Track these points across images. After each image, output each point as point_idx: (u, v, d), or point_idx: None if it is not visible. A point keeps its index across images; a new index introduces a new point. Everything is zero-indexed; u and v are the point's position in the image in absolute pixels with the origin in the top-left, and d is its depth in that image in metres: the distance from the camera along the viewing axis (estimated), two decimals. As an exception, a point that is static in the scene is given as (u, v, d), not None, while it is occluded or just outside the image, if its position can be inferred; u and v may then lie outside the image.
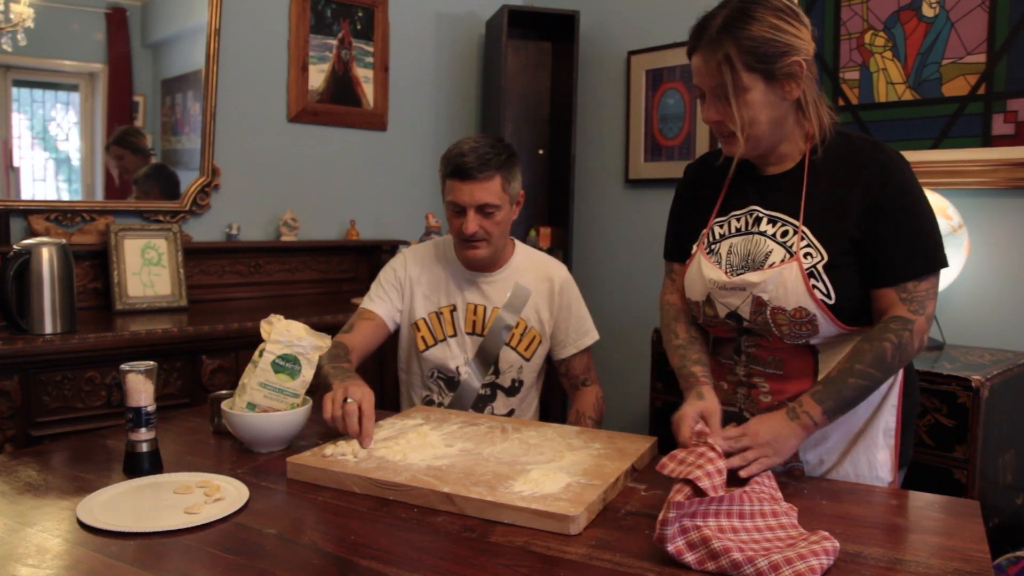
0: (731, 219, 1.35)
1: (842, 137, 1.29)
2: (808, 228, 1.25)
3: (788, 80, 1.21)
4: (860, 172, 1.24)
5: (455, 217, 1.74)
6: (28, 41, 2.35)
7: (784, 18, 1.20)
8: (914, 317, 1.20)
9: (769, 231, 1.29)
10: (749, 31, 1.18)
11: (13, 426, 1.93)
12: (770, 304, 1.25)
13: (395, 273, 1.87)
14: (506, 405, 1.84)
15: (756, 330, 1.30)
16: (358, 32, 3.15)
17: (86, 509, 1.10)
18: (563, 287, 1.86)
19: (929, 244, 1.23)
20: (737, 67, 1.19)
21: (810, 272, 1.23)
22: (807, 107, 1.25)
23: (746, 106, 1.22)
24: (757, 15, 1.19)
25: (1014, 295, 2.31)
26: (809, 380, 1.29)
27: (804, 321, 1.23)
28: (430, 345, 1.83)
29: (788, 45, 1.19)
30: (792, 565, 0.90)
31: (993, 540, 1.35)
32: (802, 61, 1.20)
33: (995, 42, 2.30)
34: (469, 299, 1.83)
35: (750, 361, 1.34)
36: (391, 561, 0.97)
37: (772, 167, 1.33)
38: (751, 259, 1.29)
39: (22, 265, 2.03)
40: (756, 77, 1.20)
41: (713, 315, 1.35)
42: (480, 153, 1.69)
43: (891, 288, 1.22)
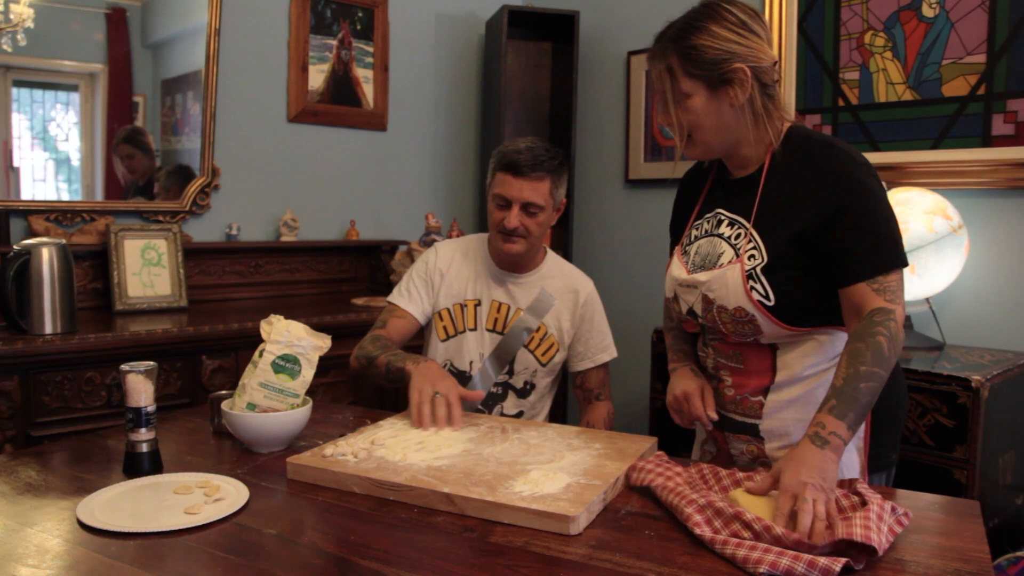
0: (703, 221, 1.42)
1: (804, 139, 1.31)
2: (756, 231, 1.30)
3: (730, 86, 1.26)
4: (818, 173, 1.26)
5: (498, 210, 1.77)
6: (28, 41, 2.35)
7: (729, 27, 1.26)
8: (892, 306, 1.21)
9: (727, 233, 1.35)
10: (691, 40, 1.26)
11: (13, 426, 1.93)
12: (715, 303, 1.31)
13: (426, 267, 1.89)
14: (516, 406, 1.85)
15: (710, 326, 1.37)
16: (358, 32, 3.15)
17: (86, 509, 1.10)
18: (588, 301, 1.88)
19: (894, 244, 1.24)
20: (677, 74, 1.28)
21: (749, 274, 1.27)
22: (760, 111, 1.28)
23: (687, 111, 1.29)
24: (701, 25, 1.26)
25: (1014, 295, 2.31)
26: (768, 376, 1.33)
27: (745, 321, 1.29)
28: (450, 335, 1.85)
29: (729, 52, 1.25)
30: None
31: (993, 540, 1.36)
32: (745, 68, 1.24)
33: (995, 42, 2.30)
34: (495, 296, 1.85)
35: (716, 354, 1.39)
36: (391, 561, 0.97)
37: (738, 171, 1.38)
38: (708, 260, 1.36)
39: (22, 265, 2.03)
40: (698, 84, 1.27)
41: (679, 311, 1.43)
42: (536, 153, 1.72)
43: (862, 283, 1.22)
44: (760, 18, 1.29)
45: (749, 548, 0.94)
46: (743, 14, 1.27)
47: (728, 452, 1.43)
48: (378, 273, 3.11)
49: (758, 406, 1.34)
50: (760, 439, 1.36)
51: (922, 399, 1.98)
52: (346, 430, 1.47)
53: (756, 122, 1.29)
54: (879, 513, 0.97)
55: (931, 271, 2.17)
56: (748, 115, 1.29)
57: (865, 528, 0.94)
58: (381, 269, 3.09)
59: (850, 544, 0.94)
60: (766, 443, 1.35)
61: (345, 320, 2.44)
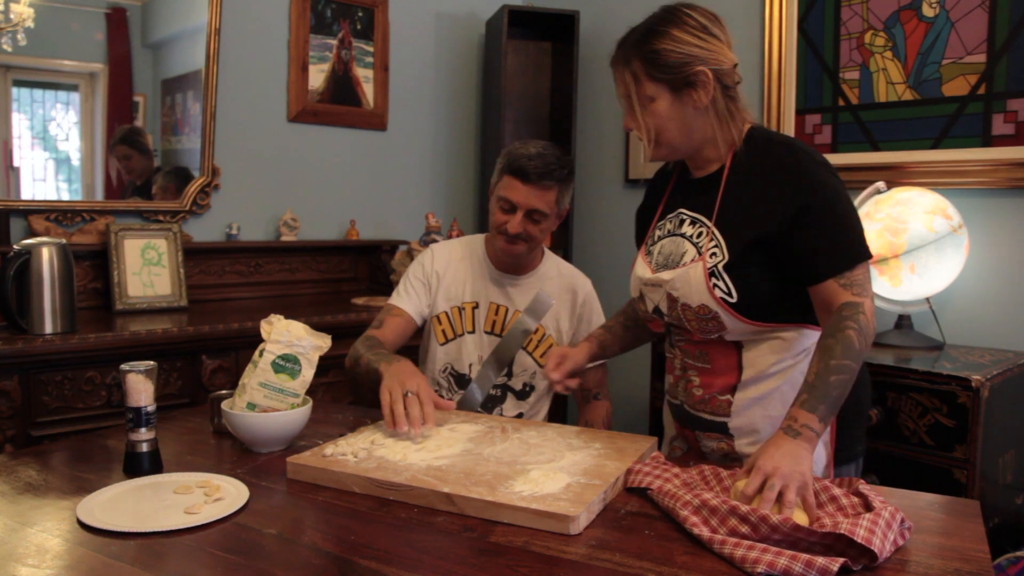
0: (666, 222, 1.44)
1: (764, 140, 1.35)
2: (718, 229, 1.32)
3: (693, 89, 1.29)
4: (780, 173, 1.29)
5: (502, 213, 1.75)
6: (28, 41, 2.35)
7: (691, 31, 1.29)
8: (860, 299, 1.23)
9: (689, 232, 1.37)
10: (652, 45, 1.29)
11: (13, 426, 1.93)
12: (679, 301, 1.33)
13: (423, 268, 1.88)
14: (515, 408, 1.85)
15: (675, 324, 1.38)
16: (358, 32, 3.15)
17: (86, 509, 1.10)
18: (586, 301, 1.88)
19: (857, 238, 1.26)
20: (641, 79, 1.31)
21: (711, 271, 1.29)
22: (723, 112, 1.32)
23: (652, 115, 1.32)
24: (662, 29, 1.30)
25: (1014, 295, 2.31)
26: (735, 374, 1.35)
27: (708, 318, 1.30)
28: (449, 339, 1.84)
29: (691, 56, 1.28)
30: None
31: (993, 540, 1.36)
32: (707, 71, 1.28)
33: (995, 42, 2.30)
34: (492, 299, 1.85)
35: (683, 355, 1.41)
36: (391, 561, 0.97)
37: (699, 171, 1.41)
38: (671, 259, 1.38)
39: (22, 265, 2.02)
40: (661, 87, 1.30)
41: (644, 310, 1.45)
42: (546, 161, 1.70)
43: (830, 280, 1.24)
44: (720, 22, 1.33)
45: (747, 548, 0.94)
46: (703, 18, 1.31)
47: (700, 449, 1.45)
48: (378, 273, 3.11)
49: (726, 404, 1.37)
50: (730, 436, 1.38)
51: (922, 399, 1.98)
52: (346, 430, 1.47)
53: (719, 123, 1.33)
54: (888, 521, 0.97)
55: (931, 271, 2.18)
56: (711, 116, 1.32)
57: (869, 532, 0.94)
58: (381, 269, 3.09)
59: (849, 544, 0.94)
60: (735, 440, 1.38)
61: (345, 320, 2.44)
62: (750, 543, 0.96)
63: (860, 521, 0.96)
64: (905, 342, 2.29)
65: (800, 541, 0.97)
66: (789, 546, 0.96)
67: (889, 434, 2.05)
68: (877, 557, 0.93)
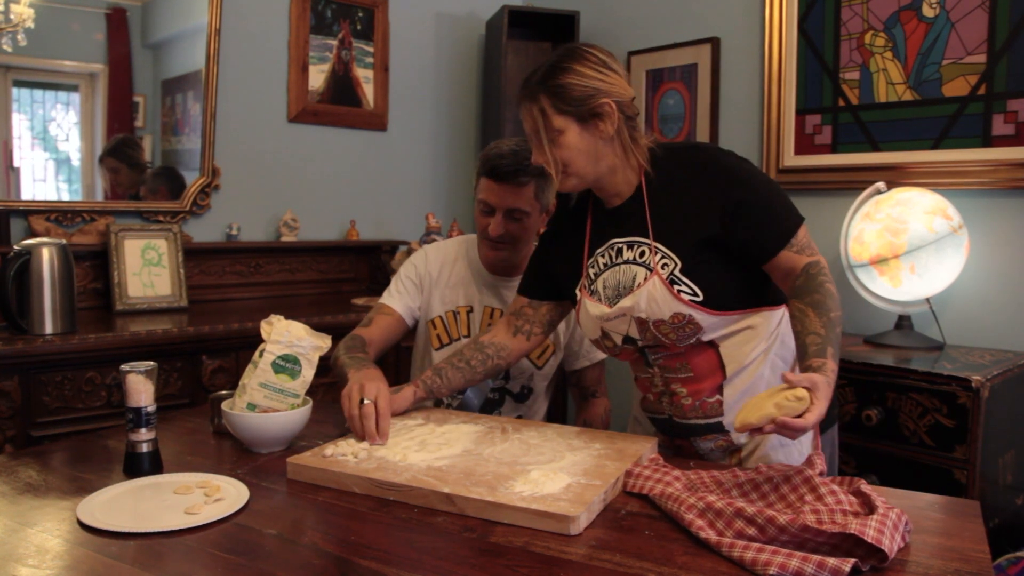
0: (597, 258, 1.46)
1: (668, 151, 1.41)
2: (659, 242, 1.36)
3: (599, 119, 1.34)
4: (701, 177, 1.35)
5: (483, 216, 1.73)
6: (28, 41, 2.35)
7: (592, 67, 1.34)
8: (816, 257, 1.33)
9: (629, 256, 1.40)
10: (557, 80, 1.34)
11: (13, 426, 1.93)
12: (649, 320, 1.36)
13: (415, 269, 1.86)
14: (514, 410, 1.84)
15: (651, 343, 1.40)
16: (358, 32, 3.15)
17: (86, 509, 1.10)
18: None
19: (787, 206, 1.35)
20: (548, 113, 1.34)
21: (671, 279, 1.33)
22: (627, 141, 1.38)
23: (561, 147, 1.35)
24: (565, 65, 1.34)
25: (1014, 295, 2.31)
26: (719, 374, 1.39)
27: (684, 324, 1.34)
28: (444, 344, 1.83)
29: (595, 89, 1.33)
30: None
31: (993, 540, 1.36)
32: (611, 102, 1.33)
33: (995, 42, 2.30)
34: (486, 302, 1.82)
35: (663, 371, 1.43)
36: (391, 561, 0.97)
37: (615, 199, 1.44)
38: (622, 287, 1.40)
39: (22, 265, 2.03)
40: (568, 119, 1.34)
41: (612, 345, 1.46)
42: (520, 157, 1.66)
43: (782, 251, 1.32)
44: (616, 59, 1.40)
45: (757, 550, 0.94)
46: (603, 55, 1.37)
47: (696, 452, 1.46)
48: (378, 273, 3.11)
49: (718, 404, 1.40)
50: (727, 432, 1.41)
51: (922, 399, 1.98)
52: (346, 430, 1.47)
53: (624, 151, 1.39)
54: (895, 522, 0.98)
55: (931, 271, 2.18)
56: (617, 145, 1.38)
57: (878, 532, 0.94)
58: (381, 269, 3.09)
59: (856, 544, 0.94)
60: (732, 433, 1.40)
61: (345, 320, 2.44)
62: (759, 545, 0.95)
63: (868, 521, 0.96)
64: (905, 342, 2.29)
65: (808, 541, 0.97)
66: (796, 547, 0.96)
67: (889, 434, 2.05)
68: (887, 557, 0.93)
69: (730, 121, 2.99)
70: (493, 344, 1.58)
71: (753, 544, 0.96)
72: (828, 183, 2.66)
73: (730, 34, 2.96)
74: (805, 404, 1.11)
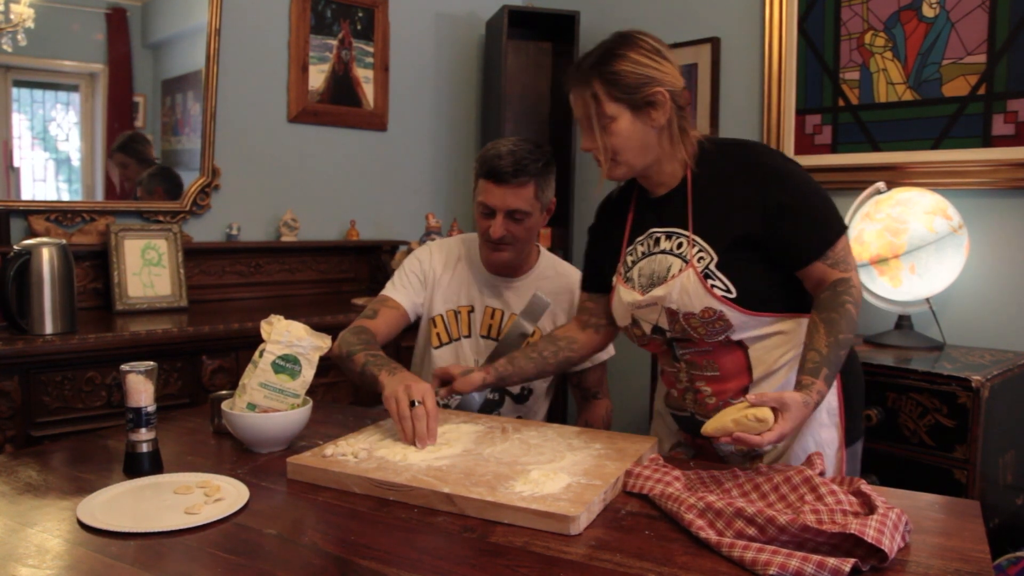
0: (637, 246, 1.47)
1: (716, 147, 1.41)
2: (698, 235, 1.36)
3: (652, 108, 1.34)
4: (747, 175, 1.34)
5: (483, 218, 1.72)
6: (28, 41, 2.35)
7: (646, 55, 1.34)
8: (848, 274, 1.32)
9: (667, 247, 1.40)
10: (612, 67, 1.33)
11: (13, 426, 1.93)
12: (680, 311, 1.35)
13: (420, 264, 1.85)
14: (514, 411, 1.84)
15: (680, 336, 1.39)
16: (358, 32, 3.15)
17: (86, 509, 1.10)
18: None
19: (830, 216, 1.34)
20: (602, 99, 1.34)
21: (706, 273, 1.33)
22: (676, 132, 1.37)
23: (612, 135, 1.35)
24: (620, 52, 1.34)
25: (1014, 295, 2.31)
26: (746, 376, 1.38)
27: (714, 319, 1.33)
28: (444, 343, 1.82)
29: (649, 77, 1.33)
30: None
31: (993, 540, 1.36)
32: (664, 91, 1.33)
33: (995, 42, 2.30)
34: (487, 302, 1.82)
35: (689, 367, 1.42)
36: (391, 561, 0.97)
37: (660, 188, 1.44)
38: (656, 276, 1.40)
39: (22, 265, 2.03)
40: (621, 107, 1.34)
41: (641, 334, 1.46)
42: (518, 157, 1.65)
43: (816, 262, 1.32)
44: (668, 48, 1.39)
45: (757, 551, 0.94)
46: (656, 42, 1.37)
47: (716, 454, 1.44)
48: (378, 273, 3.11)
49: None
50: None
51: (922, 399, 1.98)
52: (346, 430, 1.47)
53: (673, 142, 1.38)
54: (895, 522, 0.98)
55: (931, 271, 2.18)
56: (667, 135, 1.37)
57: (878, 532, 0.94)
58: (381, 269, 3.09)
59: (856, 544, 0.94)
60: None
61: (345, 320, 2.43)
62: (759, 545, 0.95)
63: (868, 521, 0.96)
64: (905, 342, 2.29)
65: (808, 541, 0.97)
66: (796, 547, 0.96)
67: (889, 434, 2.05)
68: (887, 557, 0.93)
69: (730, 121, 2.99)
70: (565, 337, 1.60)
71: (753, 544, 0.96)
72: (828, 183, 2.66)
73: (730, 34, 2.96)
74: (766, 425, 1.13)
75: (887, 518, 0.98)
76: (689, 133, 1.40)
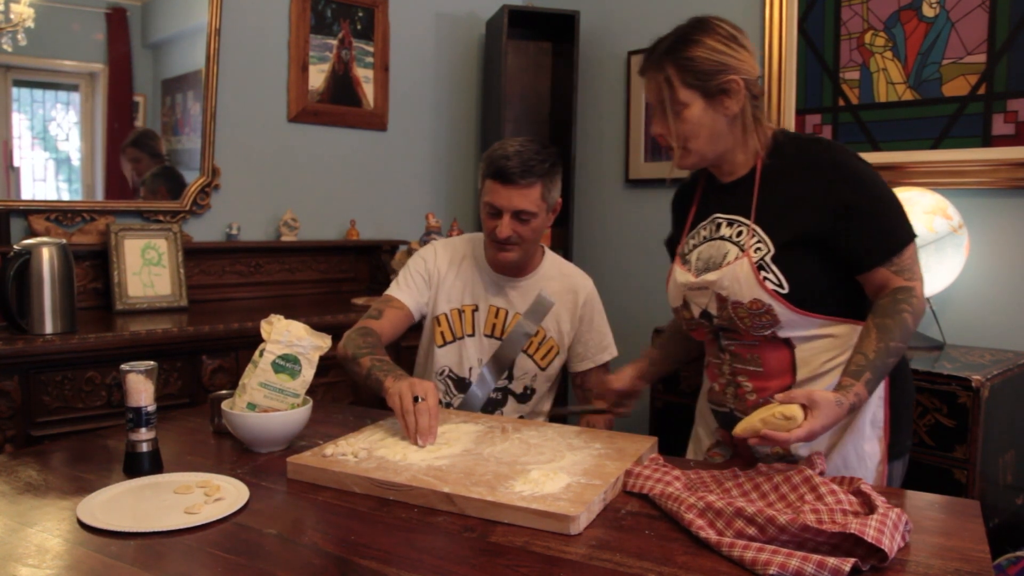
0: (700, 230, 1.46)
1: (791, 139, 1.39)
2: (759, 225, 1.34)
3: (725, 96, 1.32)
4: (819, 173, 1.32)
5: (489, 219, 1.72)
6: (28, 41, 2.35)
7: (723, 41, 1.32)
8: (912, 283, 1.29)
9: (727, 233, 1.39)
10: (688, 52, 1.32)
11: (13, 426, 1.93)
12: (729, 299, 1.33)
13: (425, 264, 1.85)
14: (516, 411, 1.84)
15: (727, 325, 1.37)
16: (358, 32, 3.15)
17: (86, 509, 1.10)
18: (587, 301, 1.85)
19: (900, 222, 1.31)
20: (675, 85, 1.32)
21: (760, 265, 1.31)
22: (749, 121, 1.35)
23: (684, 121, 1.34)
24: (696, 38, 1.32)
25: (1014, 295, 2.31)
26: (789, 376, 1.35)
27: (762, 312, 1.31)
28: (448, 341, 1.83)
29: (724, 64, 1.31)
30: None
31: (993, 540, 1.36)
32: (739, 79, 1.31)
33: (995, 42, 2.30)
34: (492, 301, 1.82)
35: (733, 360, 1.40)
36: (391, 561, 0.97)
37: (728, 176, 1.43)
38: (712, 261, 1.39)
39: (22, 265, 2.02)
40: (694, 93, 1.32)
41: (690, 317, 1.44)
42: (525, 158, 1.65)
43: (880, 267, 1.29)
44: (745, 35, 1.36)
45: (757, 550, 0.94)
46: (733, 29, 1.35)
47: (751, 456, 1.41)
48: (378, 273, 3.11)
49: None
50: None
51: (922, 399, 1.98)
52: (346, 430, 1.47)
53: (745, 131, 1.36)
54: (895, 522, 0.98)
55: (931, 271, 2.17)
56: (739, 125, 1.35)
57: (878, 531, 0.94)
58: (381, 269, 3.09)
59: (856, 543, 0.94)
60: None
61: (345, 320, 2.44)
62: (759, 545, 0.95)
63: (869, 521, 0.96)
64: (905, 342, 2.29)
65: (807, 541, 0.97)
66: (796, 546, 0.96)
67: (889, 434, 2.05)
68: (887, 557, 0.93)
69: (730, 121, 2.99)
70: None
71: (753, 544, 0.96)
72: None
73: (730, 34, 2.96)
74: (794, 424, 1.12)
75: (887, 518, 0.98)
76: (763, 123, 1.37)
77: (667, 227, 1.64)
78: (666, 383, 2.61)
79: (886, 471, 1.36)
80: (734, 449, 1.47)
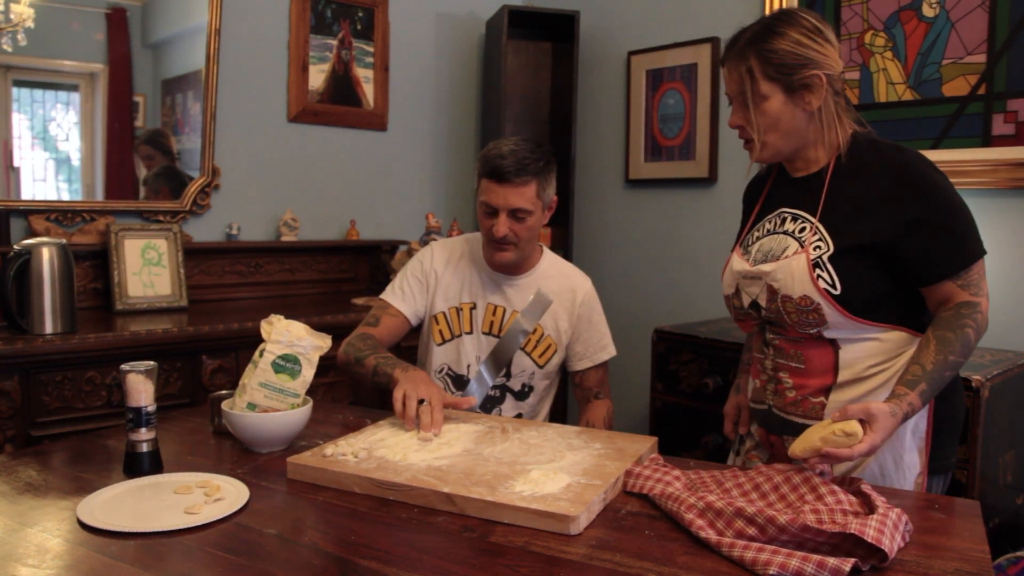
0: (765, 223, 1.44)
1: (870, 142, 1.35)
2: (823, 224, 1.32)
3: (807, 91, 1.30)
4: (893, 179, 1.29)
5: (486, 218, 1.74)
6: (28, 41, 2.35)
7: (807, 35, 1.29)
8: (977, 299, 1.27)
9: (791, 228, 1.37)
10: (771, 44, 1.29)
11: (13, 426, 1.93)
12: (780, 292, 1.32)
13: (422, 266, 1.87)
14: (514, 408, 1.84)
15: (773, 319, 1.36)
16: (358, 32, 3.15)
17: (86, 509, 1.10)
18: (585, 300, 1.86)
19: (972, 236, 1.29)
20: (757, 77, 1.31)
21: (815, 262, 1.29)
22: (829, 118, 1.32)
23: (763, 114, 1.32)
24: (781, 30, 1.30)
25: (1014, 295, 2.31)
26: (830, 376, 1.33)
27: (810, 310, 1.29)
28: (446, 339, 1.84)
29: (808, 59, 1.28)
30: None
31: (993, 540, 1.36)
32: (821, 75, 1.29)
33: (995, 42, 2.30)
34: (490, 300, 1.83)
35: (776, 355, 1.39)
36: (391, 561, 0.97)
37: (800, 171, 1.41)
38: (771, 253, 1.37)
39: (22, 265, 2.03)
40: (776, 87, 1.30)
41: (739, 306, 1.43)
42: (519, 157, 1.67)
43: (948, 280, 1.27)
44: (831, 28, 1.33)
45: (757, 550, 0.94)
46: (818, 22, 1.32)
47: (786, 458, 1.38)
48: (378, 273, 3.11)
49: (819, 407, 1.33)
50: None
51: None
52: (346, 430, 1.47)
53: (824, 127, 1.34)
54: (896, 522, 0.98)
55: (931, 271, 2.17)
56: (817, 120, 1.33)
57: (878, 531, 0.94)
58: (381, 269, 3.09)
59: (856, 543, 0.94)
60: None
61: (345, 320, 2.44)
62: (759, 545, 0.95)
63: (869, 521, 0.96)
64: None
65: (807, 541, 0.97)
66: (796, 547, 0.96)
67: (889, 434, 2.05)
68: (887, 557, 0.93)
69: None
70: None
71: (753, 544, 0.96)
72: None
73: (730, 34, 2.96)
74: (855, 440, 1.10)
75: (887, 518, 0.98)
76: (843, 120, 1.34)
77: (667, 227, 1.64)
78: (665, 383, 2.61)
79: (925, 484, 1.33)
80: (771, 449, 1.45)
